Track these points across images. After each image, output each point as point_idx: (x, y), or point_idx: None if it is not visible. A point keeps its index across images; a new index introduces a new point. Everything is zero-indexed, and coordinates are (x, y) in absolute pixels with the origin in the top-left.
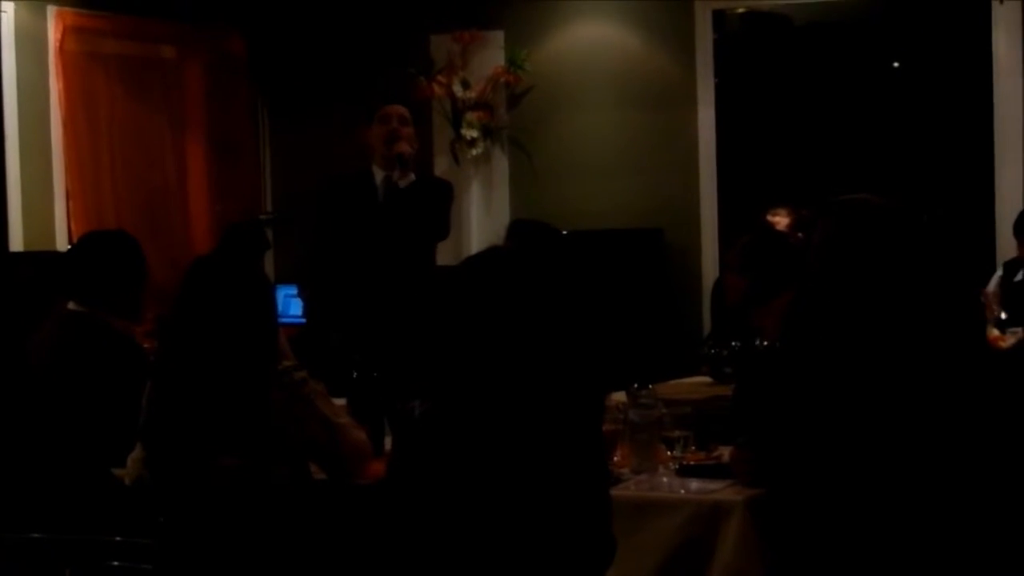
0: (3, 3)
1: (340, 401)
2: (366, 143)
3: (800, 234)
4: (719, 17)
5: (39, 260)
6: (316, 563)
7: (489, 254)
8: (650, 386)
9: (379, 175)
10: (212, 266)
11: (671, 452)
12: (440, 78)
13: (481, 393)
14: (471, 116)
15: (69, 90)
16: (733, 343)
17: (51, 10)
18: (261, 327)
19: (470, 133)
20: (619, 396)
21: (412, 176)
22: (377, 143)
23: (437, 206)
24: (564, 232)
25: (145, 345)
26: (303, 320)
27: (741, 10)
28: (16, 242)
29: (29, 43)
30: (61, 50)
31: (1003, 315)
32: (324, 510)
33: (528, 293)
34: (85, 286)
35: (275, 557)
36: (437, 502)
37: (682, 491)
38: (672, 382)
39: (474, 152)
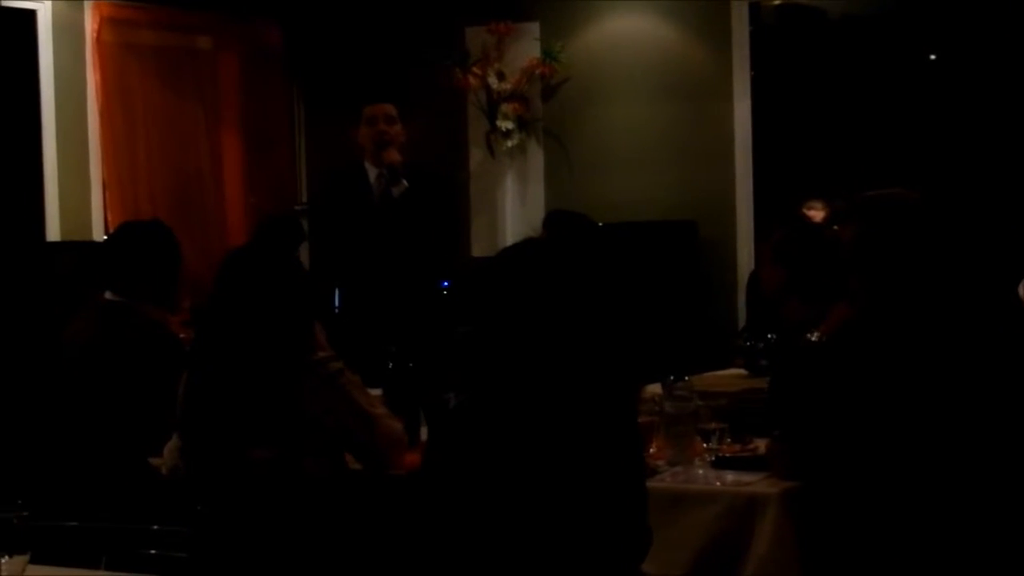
0: None
1: (376, 392)
2: (356, 142)
3: (835, 227)
4: (755, 10)
5: (76, 250)
6: (350, 553)
7: (525, 245)
8: (685, 378)
9: (372, 172)
10: (247, 257)
11: (707, 444)
12: (475, 70)
13: (516, 385)
14: (506, 108)
15: (106, 81)
16: (768, 336)
17: (88, 2)
18: (295, 319)
19: (505, 125)
20: (654, 388)
21: (404, 184)
22: (367, 144)
23: (437, 214)
24: (599, 224)
25: (180, 335)
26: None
27: (777, 2)
28: (53, 232)
29: (66, 34)
30: (98, 41)
31: None
32: (359, 501)
33: (564, 285)
34: (121, 276)
35: (309, 547)
36: (472, 494)
37: (718, 483)
38: (707, 374)
39: (509, 144)
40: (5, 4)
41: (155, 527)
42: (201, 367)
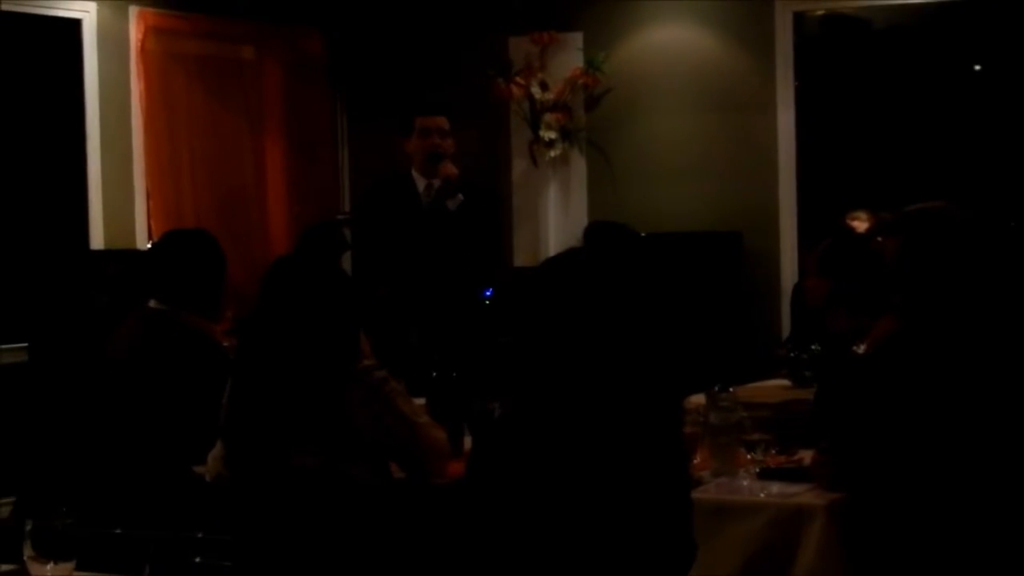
0: (87, 3)
1: (419, 401)
2: (405, 151)
3: (880, 238)
4: (799, 20)
5: (120, 258)
6: (394, 562)
7: (568, 256)
8: (730, 389)
9: (420, 182)
10: (292, 266)
11: (751, 455)
12: (518, 79)
13: (560, 395)
14: (549, 118)
15: (150, 90)
16: (813, 346)
17: (133, 10)
18: (340, 327)
19: (548, 135)
20: (699, 399)
21: (460, 197)
22: (418, 156)
23: (487, 227)
24: (642, 234)
25: (224, 343)
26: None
27: (821, 13)
28: (97, 240)
29: (111, 43)
30: (143, 50)
31: None
32: (403, 510)
33: (607, 295)
34: (165, 284)
35: (353, 555)
36: (516, 504)
37: (763, 494)
38: (752, 385)
39: (552, 154)
40: (51, 13)
41: (199, 535)
42: (245, 375)
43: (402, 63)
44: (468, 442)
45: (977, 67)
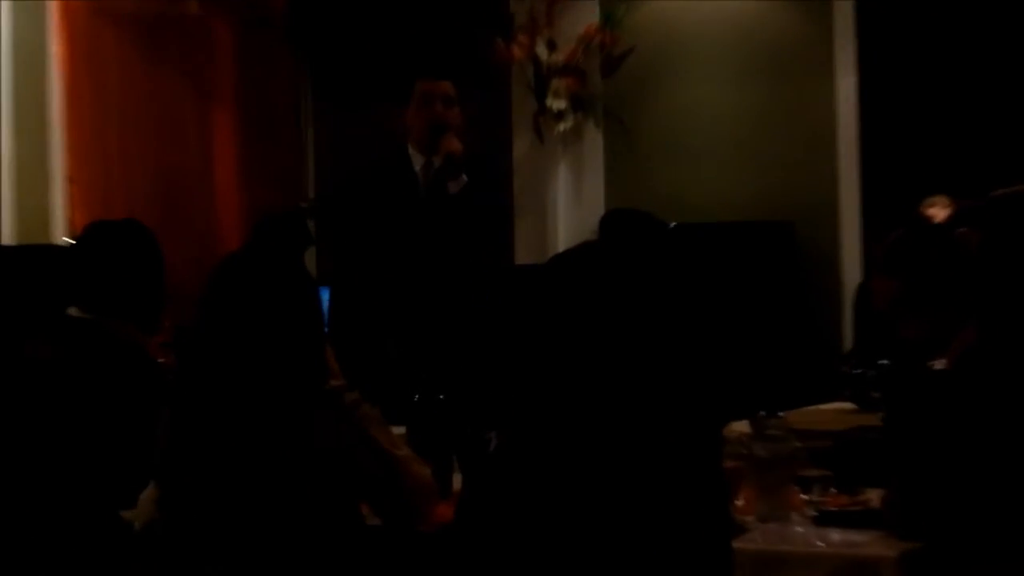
0: None
1: (399, 430)
2: (403, 124)
3: (962, 229)
4: None
5: (33, 256)
6: None
7: (580, 252)
8: (780, 414)
9: (418, 160)
10: (244, 264)
11: (806, 496)
12: (521, 39)
13: (571, 423)
14: (558, 84)
15: (73, 54)
16: (881, 361)
17: None
18: (304, 339)
19: (557, 104)
20: (742, 426)
21: (464, 178)
22: (418, 128)
23: (492, 215)
24: (671, 225)
25: (161, 360)
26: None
27: None
28: (7, 234)
29: None
30: (63, 6)
31: None
32: (378, 562)
33: (628, 300)
34: (89, 288)
35: None
36: (515, 557)
37: (820, 544)
38: (807, 409)
39: (562, 127)
40: None
41: None
42: (186, 400)
43: (378, 23)
44: (458, 480)
45: None
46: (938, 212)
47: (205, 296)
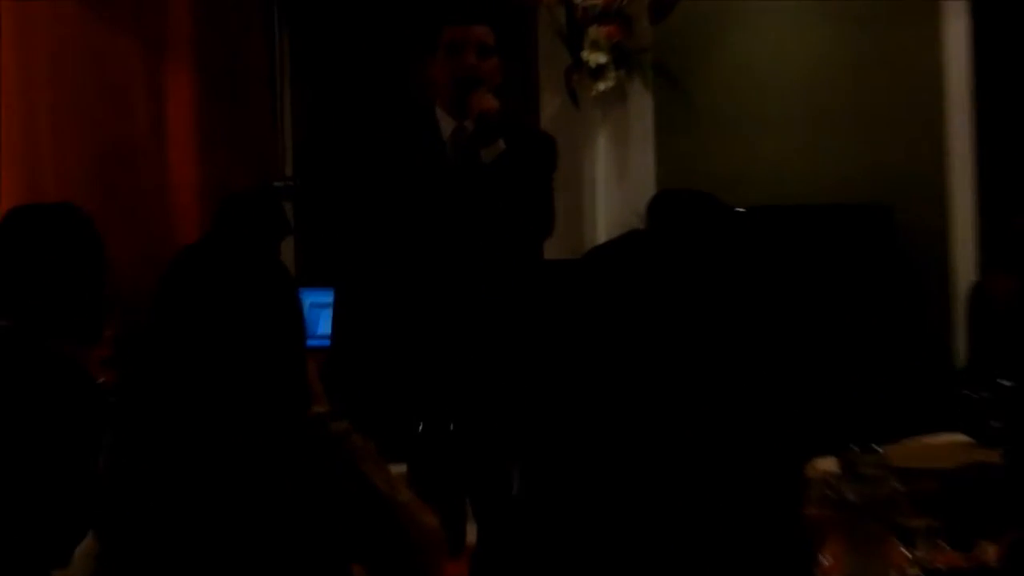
0: None
1: (398, 468)
2: (429, 78)
3: None
4: None
5: None
6: None
7: (624, 244)
8: (876, 448)
9: (447, 124)
10: (205, 259)
11: (909, 551)
12: None
13: (616, 457)
14: (596, 33)
15: None
16: (1002, 381)
17: None
18: (279, 352)
19: (595, 59)
20: (828, 464)
21: (501, 144)
22: (445, 82)
23: (538, 186)
24: (738, 210)
25: (102, 379)
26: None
27: None
28: None
29: None
30: None
31: None
32: None
33: (685, 303)
34: (10, 289)
35: None
36: None
37: None
38: (910, 441)
39: (601, 87)
40: None
41: None
42: (133, 430)
43: None
44: (472, 532)
45: None
46: None
47: (157, 299)
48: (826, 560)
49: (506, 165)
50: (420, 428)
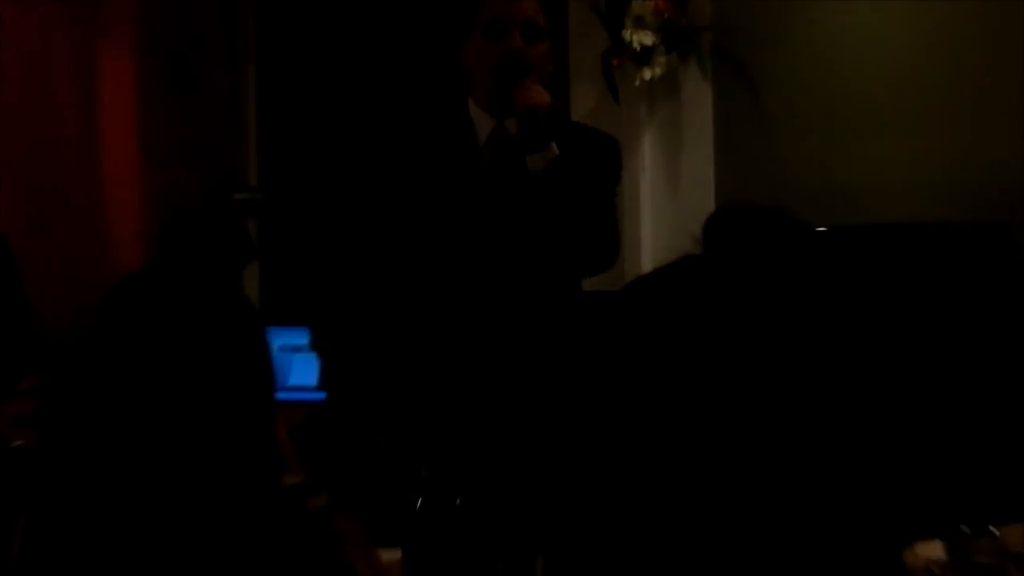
0: None
1: (391, 555)
2: (464, 66)
3: None
4: None
5: None
6: None
7: (677, 273)
8: (992, 530)
9: (484, 122)
10: (148, 290)
11: None
12: None
13: (674, 545)
14: (642, 7)
15: None
16: None
17: None
18: (244, 409)
19: (640, 39)
20: (932, 548)
21: (554, 149)
22: (483, 70)
23: (600, 203)
24: (820, 230)
25: (18, 442)
26: (320, 395)
27: None
28: None
29: None
30: None
31: None
32: None
33: (751, 345)
34: None
35: None
36: None
37: None
38: None
39: (647, 75)
40: None
41: None
42: (57, 503)
43: None
44: None
45: None
46: None
47: (89, 340)
48: None
49: (560, 176)
50: (418, 504)
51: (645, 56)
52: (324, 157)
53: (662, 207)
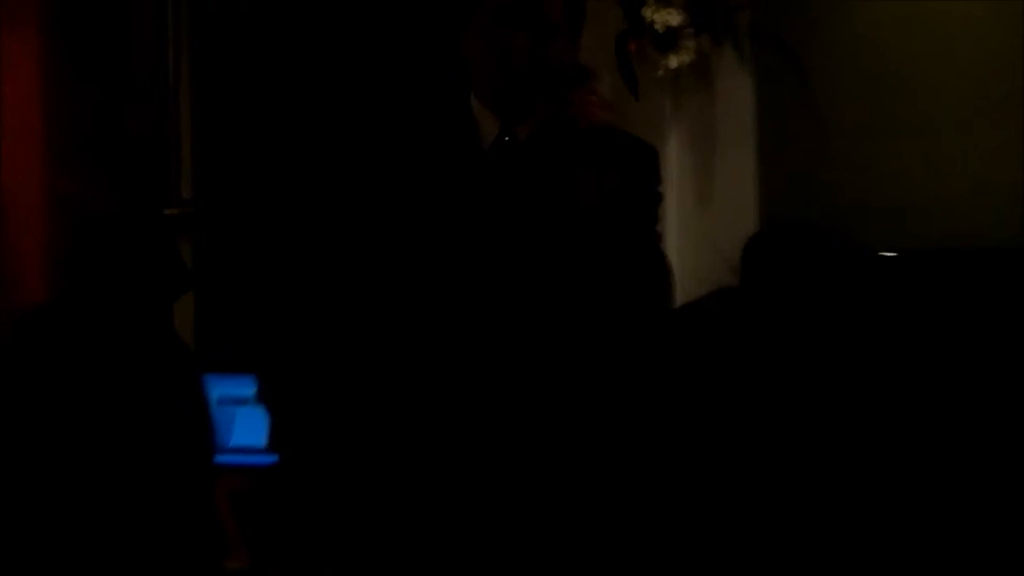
0: None
1: None
2: (467, 59)
3: None
4: None
5: None
6: None
7: (709, 308)
8: None
9: (488, 123)
10: (56, 329)
11: None
12: None
13: None
14: None
15: None
16: None
17: None
18: (176, 476)
19: (665, 19)
20: None
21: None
22: (483, 68)
23: (642, 227)
24: (883, 255)
25: None
26: (269, 458)
27: None
28: None
29: None
30: None
31: None
32: None
33: (800, 400)
34: None
35: None
36: None
37: None
38: None
39: (674, 63)
40: None
41: None
42: None
43: None
44: None
45: None
46: None
47: None
48: None
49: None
50: None
51: (670, 39)
52: (277, 164)
53: (690, 227)
